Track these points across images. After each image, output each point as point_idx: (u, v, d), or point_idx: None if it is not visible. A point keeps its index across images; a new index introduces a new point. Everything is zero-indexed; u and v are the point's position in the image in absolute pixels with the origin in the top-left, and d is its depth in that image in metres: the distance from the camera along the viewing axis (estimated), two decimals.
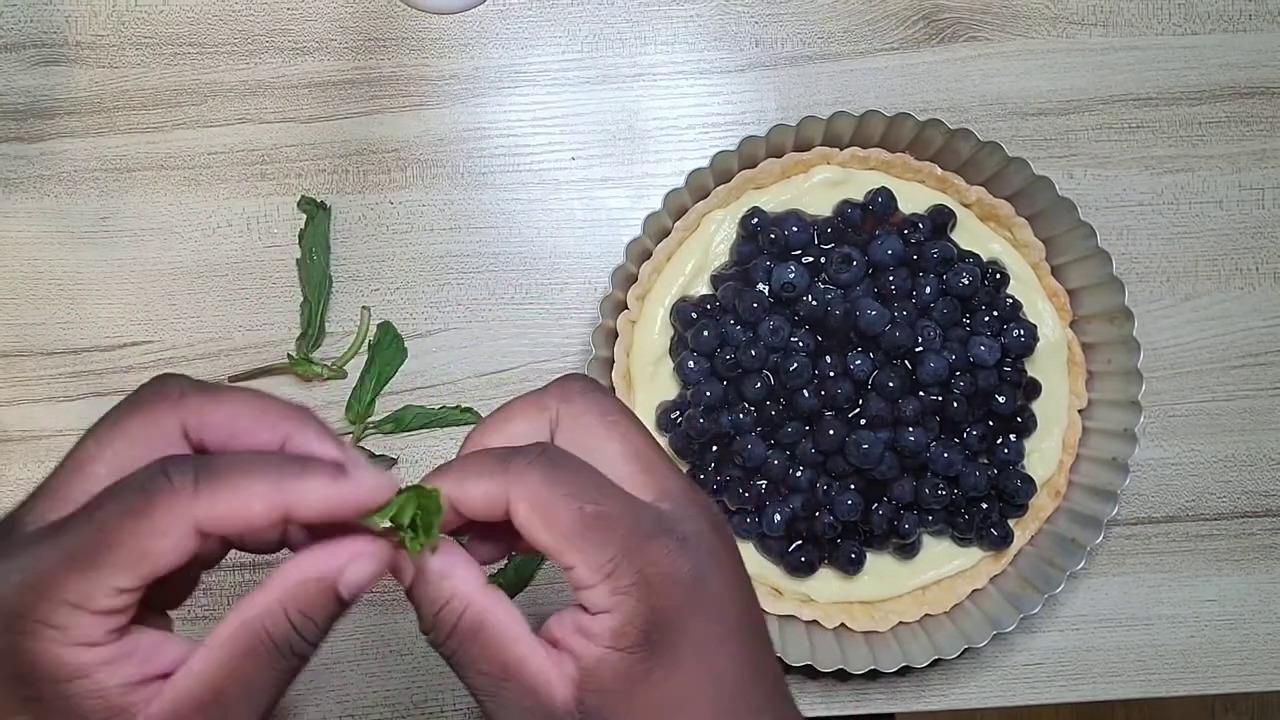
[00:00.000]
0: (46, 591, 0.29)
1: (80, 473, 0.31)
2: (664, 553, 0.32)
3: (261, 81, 0.60)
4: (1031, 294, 0.57)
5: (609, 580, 0.32)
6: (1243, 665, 0.59)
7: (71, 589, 0.29)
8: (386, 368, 0.59)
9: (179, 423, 0.32)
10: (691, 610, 0.32)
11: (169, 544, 0.29)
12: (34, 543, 0.30)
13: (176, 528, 0.29)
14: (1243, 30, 0.61)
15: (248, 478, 0.30)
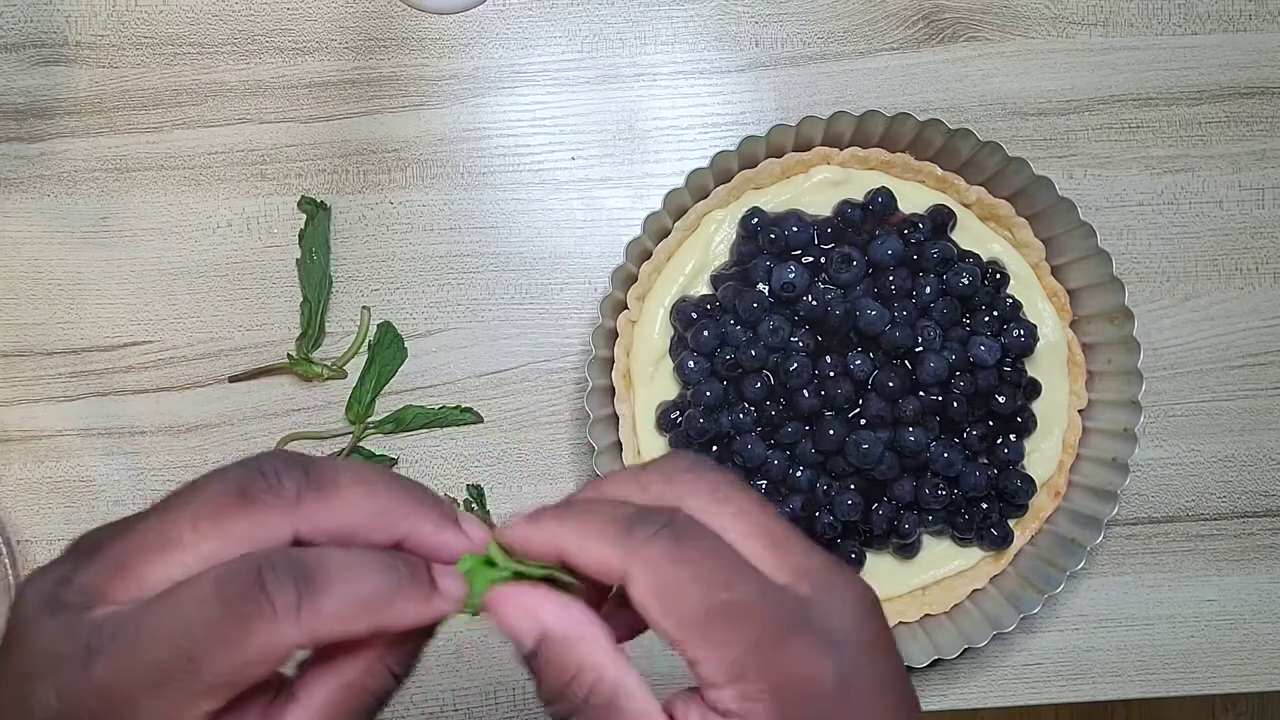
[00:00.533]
0: (137, 707, 0.27)
1: (166, 556, 0.28)
2: (804, 653, 0.28)
3: (261, 81, 0.60)
4: (1031, 294, 0.57)
5: (738, 684, 0.28)
6: (1243, 665, 0.59)
7: (161, 707, 0.27)
8: (386, 368, 0.59)
9: (291, 530, 0.29)
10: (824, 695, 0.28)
11: (262, 670, 0.27)
12: (115, 642, 0.27)
13: (274, 654, 0.27)
14: (1242, 30, 0.61)
15: (348, 604, 0.28)
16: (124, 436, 0.59)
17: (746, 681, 0.28)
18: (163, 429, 0.59)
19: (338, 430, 0.59)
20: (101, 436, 0.59)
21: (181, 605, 0.27)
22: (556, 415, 0.59)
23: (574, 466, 0.59)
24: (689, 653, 0.28)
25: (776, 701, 0.28)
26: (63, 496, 0.58)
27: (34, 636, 0.27)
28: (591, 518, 0.30)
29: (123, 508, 0.58)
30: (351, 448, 0.58)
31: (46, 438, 0.59)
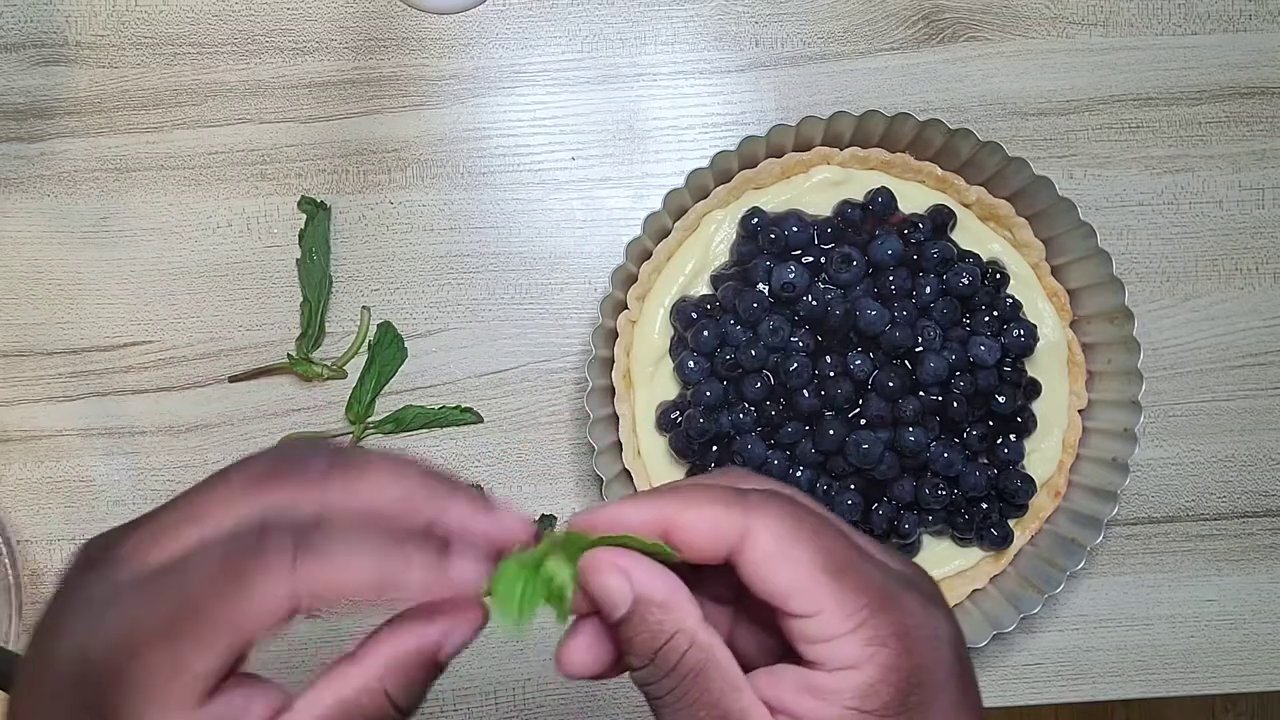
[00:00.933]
0: (139, 655, 0.27)
1: (194, 527, 0.29)
2: (918, 607, 0.30)
3: (261, 81, 0.60)
4: (1031, 294, 0.57)
5: (861, 630, 0.29)
6: (1243, 665, 0.59)
7: (163, 658, 0.27)
8: (386, 368, 0.59)
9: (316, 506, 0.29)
10: (948, 674, 0.30)
11: (259, 624, 0.28)
12: (130, 593, 0.28)
13: (269, 607, 0.27)
14: (1242, 30, 0.61)
15: (346, 562, 0.28)
16: (124, 436, 0.59)
17: (871, 628, 0.29)
18: (163, 429, 0.59)
19: (338, 430, 0.59)
20: (101, 436, 0.59)
21: (190, 561, 0.28)
22: (556, 415, 0.59)
23: (574, 466, 0.59)
24: (809, 604, 0.29)
25: (902, 644, 0.29)
26: (63, 496, 0.58)
27: (69, 591, 0.29)
28: (696, 490, 0.31)
29: (123, 508, 0.58)
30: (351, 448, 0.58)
31: (46, 438, 0.59)
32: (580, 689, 0.58)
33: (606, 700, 0.58)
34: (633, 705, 0.58)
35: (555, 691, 0.58)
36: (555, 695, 0.58)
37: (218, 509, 0.29)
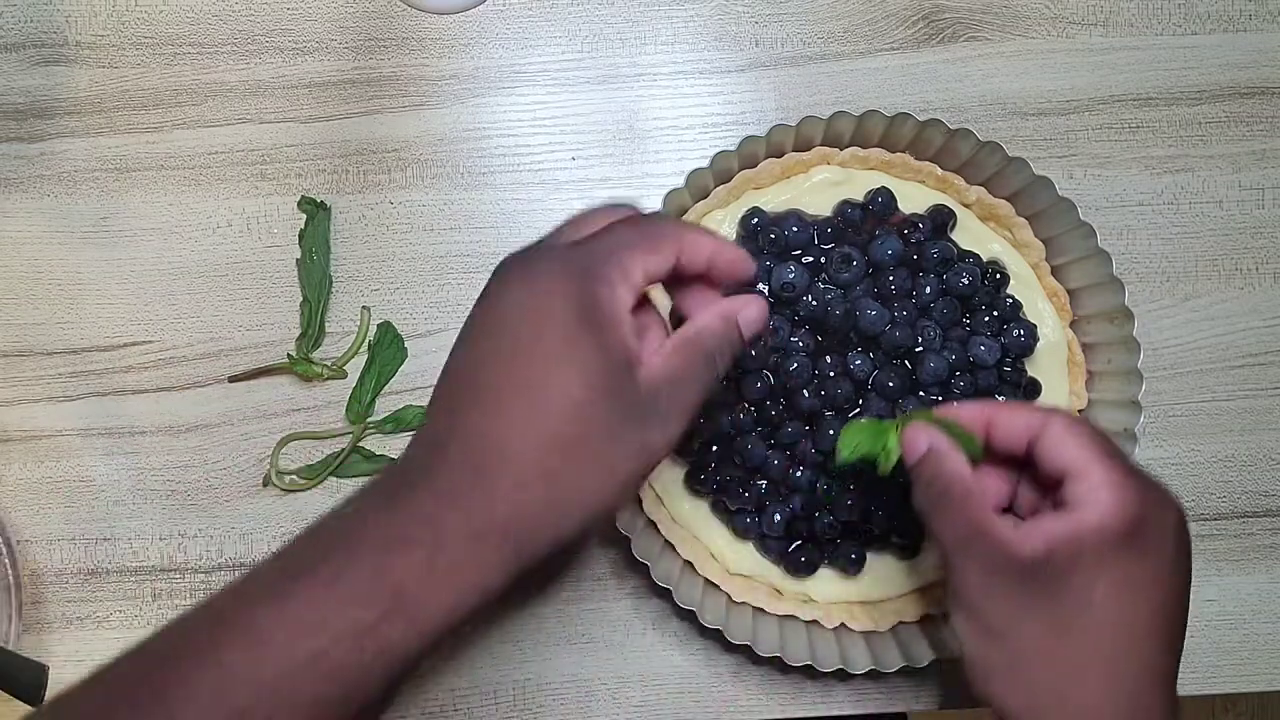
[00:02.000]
0: (616, 259, 0.40)
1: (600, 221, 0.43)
2: (1159, 493, 0.42)
3: (261, 81, 0.60)
4: (1031, 294, 0.57)
5: (1118, 489, 0.41)
6: (1243, 665, 0.59)
7: (628, 263, 0.40)
8: (386, 368, 0.59)
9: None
10: (1168, 540, 0.42)
11: (668, 260, 0.41)
12: (608, 233, 0.41)
13: (673, 250, 0.41)
14: (1242, 30, 0.61)
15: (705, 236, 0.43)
16: (124, 436, 0.59)
17: (1122, 488, 0.41)
18: (163, 429, 0.59)
19: (338, 430, 0.59)
20: (101, 436, 0.59)
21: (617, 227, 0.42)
22: None
23: None
24: (1088, 469, 0.42)
25: (1140, 503, 0.41)
26: (63, 496, 0.58)
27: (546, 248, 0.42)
28: (1009, 403, 0.46)
29: (122, 507, 0.58)
30: (351, 448, 0.58)
31: (46, 438, 0.59)
32: (580, 689, 0.58)
33: (606, 700, 0.58)
34: (633, 705, 0.58)
35: (555, 692, 0.58)
36: (555, 696, 0.58)
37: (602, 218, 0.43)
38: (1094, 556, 0.41)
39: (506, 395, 0.39)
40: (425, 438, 0.40)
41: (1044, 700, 0.41)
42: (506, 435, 0.38)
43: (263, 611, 0.36)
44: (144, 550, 0.58)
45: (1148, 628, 0.41)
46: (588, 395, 0.38)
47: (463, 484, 0.38)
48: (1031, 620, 0.41)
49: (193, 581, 0.58)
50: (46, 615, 0.58)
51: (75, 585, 0.58)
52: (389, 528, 0.37)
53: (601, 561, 0.58)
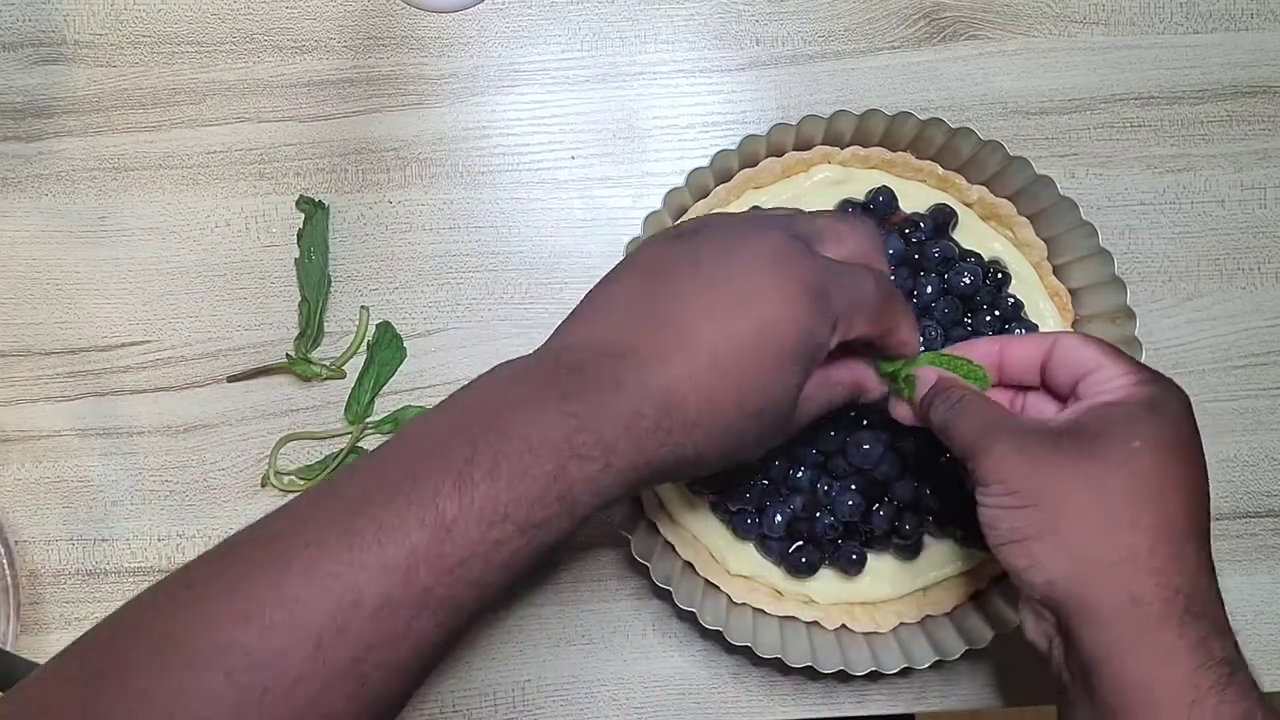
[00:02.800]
0: (853, 313, 0.43)
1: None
2: (1165, 382, 0.44)
3: (260, 80, 0.59)
4: (1033, 293, 0.57)
5: (1133, 375, 0.44)
6: None
7: (857, 323, 0.43)
8: (385, 368, 0.59)
9: None
10: (1177, 420, 0.43)
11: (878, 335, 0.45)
12: (860, 278, 0.44)
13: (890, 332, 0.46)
14: (1245, 29, 0.61)
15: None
16: (122, 436, 0.58)
17: (1134, 373, 0.44)
18: (161, 429, 0.58)
19: (337, 430, 0.58)
20: (99, 436, 0.58)
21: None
22: None
23: None
24: (1102, 365, 0.44)
25: (1150, 384, 0.44)
26: (61, 496, 0.58)
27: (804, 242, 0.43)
28: (1013, 337, 0.50)
29: (120, 508, 0.58)
30: (350, 448, 0.58)
31: (45, 438, 0.58)
32: (580, 691, 0.58)
33: (606, 700, 0.58)
34: (633, 706, 0.58)
35: (555, 693, 0.58)
36: (555, 697, 0.58)
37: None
38: (1125, 420, 0.42)
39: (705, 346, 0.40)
40: (592, 344, 0.40)
41: (1086, 557, 0.41)
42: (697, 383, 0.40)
43: (448, 490, 0.37)
44: (142, 551, 0.58)
45: (1180, 483, 0.41)
46: (765, 405, 0.41)
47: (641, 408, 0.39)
48: (1067, 481, 0.41)
49: None
50: (45, 616, 0.58)
51: (74, 586, 0.58)
52: (569, 434, 0.38)
53: (602, 562, 0.58)
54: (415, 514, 0.36)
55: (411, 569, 0.35)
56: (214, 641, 0.34)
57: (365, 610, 0.35)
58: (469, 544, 0.36)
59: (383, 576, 0.35)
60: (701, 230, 0.43)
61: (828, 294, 0.41)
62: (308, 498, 0.38)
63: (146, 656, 0.35)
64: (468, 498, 0.36)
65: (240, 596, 0.35)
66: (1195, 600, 0.40)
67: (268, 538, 0.37)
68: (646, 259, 0.43)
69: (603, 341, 0.40)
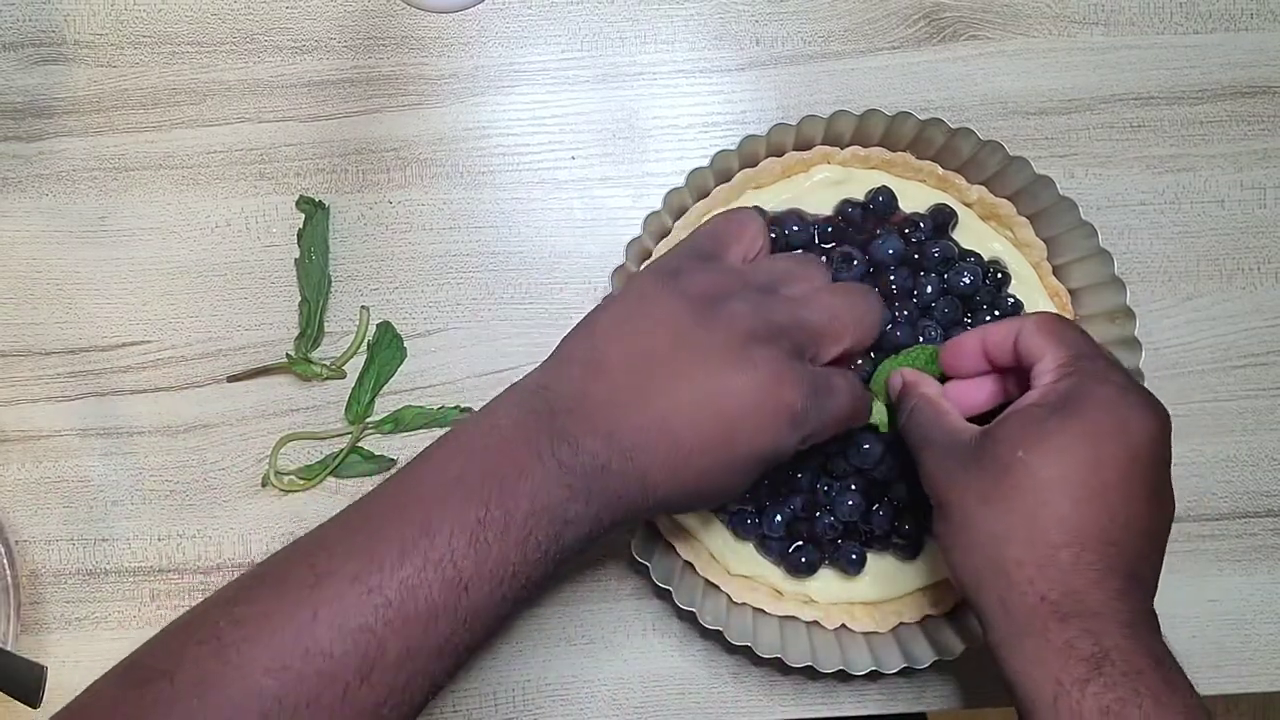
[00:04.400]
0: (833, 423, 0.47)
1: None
2: (1098, 369, 0.45)
3: (260, 80, 0.59)
4: (1033, 294, 0.57)
5: (1061, 370, 0.45)
6: (1245, 665, 0.59)
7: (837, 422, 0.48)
8: (385, 368, 0.59)
9: None
10: (1094, 407, 0.43)
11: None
12: (836, 386, 0.47)
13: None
14: (1244, 29, 0.61)
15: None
16: (122, 436, 0.58)
17: (1067, 366, 0.45)
18: (161, 429, 0.58)
19: (337, 430, 0.58)
20: (100, 436, 0.58)
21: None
22: None
23: None
24: (1043, 350, 0.46)
25: (1077, 377, 0.44)
26: (61, 496, 0.58)
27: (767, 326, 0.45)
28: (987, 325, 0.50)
29: (121, 508, 0.58)
30: (350, 448, 0.58)
31: (45, 438, 0.58)
32: (579, 690, 0.58)
33: (606, 700, 0.58)
34: (632, 706, 0.58)
35: (555, 693, 0.58)
36: (555, 697, 0.58)
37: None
38: (1018, 427, 0.44)
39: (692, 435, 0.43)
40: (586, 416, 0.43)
41: (981, 562, 0.44)
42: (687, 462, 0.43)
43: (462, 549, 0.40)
44: (142, 551, 0.58)
45: (1063, 488, 0.42)
46: (720, 496, 0.46)
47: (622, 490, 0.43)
48: (969, 494, 0.44)
49: (191, 582, 0.58)
50: (45, 616, 0.58)
51: (74, 586, 0.58)
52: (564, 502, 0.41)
53: (602, 562, 0.58)
54: (437, 572, 0.39)
55: (431, 621, 0.39)
56: (249, 690, 0.37)
57: (389, 660, 0.38)
58: (481, 598, 0.40)
59: (405, 630, 0.38)
60: (715, 313, 0.44)
61: (807, 418, 0.44)
62: (324, 544, 0.41)
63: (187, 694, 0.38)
64: (482, 557, 0.40)
65: (274, 649, 0.38)
66: (1064, 605, 0.42)
67: (290, 586, 0.39)
68: (657, 321, 0.44)
69: (596, 411, 0.42)
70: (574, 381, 0.43)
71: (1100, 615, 0.41)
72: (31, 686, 0.50)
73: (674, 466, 0.43)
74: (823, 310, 0.47)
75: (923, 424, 0.48)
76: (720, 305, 0.44)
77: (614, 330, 0.45)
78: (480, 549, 0.39)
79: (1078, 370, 0.44)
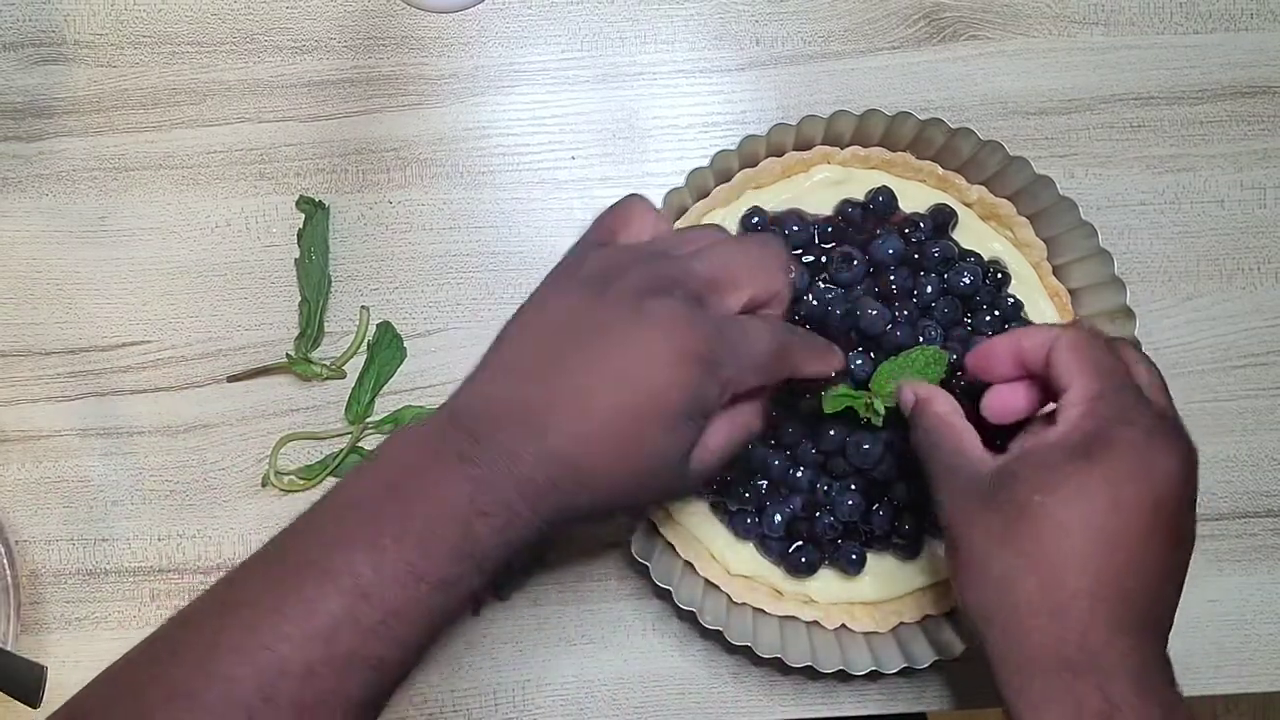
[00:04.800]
0: (745, 373, 0.44)
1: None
2: (1129, 406, 0.43)
3: (260, 80, 0.59)
4: (1033, 294, 0.57)
5: (1089, 404, 0.43)
6: (1245, 665, 0.59)
7: (747, 379, 0.44)
8: (385, 368, 0.59)
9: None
10: (1117, 455, 0.42)
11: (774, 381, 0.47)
12: (748, 331, 0.45)
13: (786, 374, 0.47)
14: (1244, 29, 0.61)
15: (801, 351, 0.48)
16: (122, 436, 0.58)
17: (1095, 403, 0.43)
18: (161, 429, 0.58)
19: (337, 430, 0.58)
20: (100, 436, 0.58)
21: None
22: None
23: None
24: (1072, 380, 0.44)
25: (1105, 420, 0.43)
26: (61, 496, 0.58)
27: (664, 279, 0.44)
28: (1023, 329, 0.50)
29: (121, 508, 0.58)
30: (350, 448, 0.58)
31: (45, 438, 0.58)
32: (580, 691, 0.58)
33: (606, 700, 0.58)
34: (632, 706, 0.58)
35: (555, 693, 0.58)
36: (555, 697, 0.58)
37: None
38: (1038, 468, 0.43)
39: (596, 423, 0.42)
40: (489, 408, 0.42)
41: (992, 600, 0.43)
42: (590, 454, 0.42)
43: (361, 557, 0.39)
44: (142, 550, 0.58)
45: (1083, 535, 0.42)
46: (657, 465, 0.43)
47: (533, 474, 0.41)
48: (981, 528, 0.44)
49: (191, 582, 0.58)
50: (45, 616, 0.58)
51: (74, 586, 0.58)
52: (470, 495, 0.40)
53: (602, 562, 0.58)
54: (333, 583, 0.38)
55: (333, 634, 0.38)
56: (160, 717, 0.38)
57: (292, 679, 0.38)
58: (386, 605, 0.39)
59: (306, 645, 0.38)
60: (608, 286, 0.43)
61: (717, 360, 0.42)
62: (245, 572, 0.41)
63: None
64: (378, 560, 0.39)
65: (179, 677, 0.38)
66: (1075, 657, 0.41)
67: (206, 616, 0.40)
68: (554, 314, 0.44)
69: (499, 404, 0.42)
70: (479, 385, 0.43)
71: (1112, 668, 0.41)
72: (31, 686, 0.50)
73: (593, 437, 0.41)
74: (715, 259, 0.45)
75: (941, 450, 0.46)
76: (613, 279, 0.43)
77: (517, 331, 0.44)
78: (376, 553, 0.39)
79: (1104, 407, 0.43)
